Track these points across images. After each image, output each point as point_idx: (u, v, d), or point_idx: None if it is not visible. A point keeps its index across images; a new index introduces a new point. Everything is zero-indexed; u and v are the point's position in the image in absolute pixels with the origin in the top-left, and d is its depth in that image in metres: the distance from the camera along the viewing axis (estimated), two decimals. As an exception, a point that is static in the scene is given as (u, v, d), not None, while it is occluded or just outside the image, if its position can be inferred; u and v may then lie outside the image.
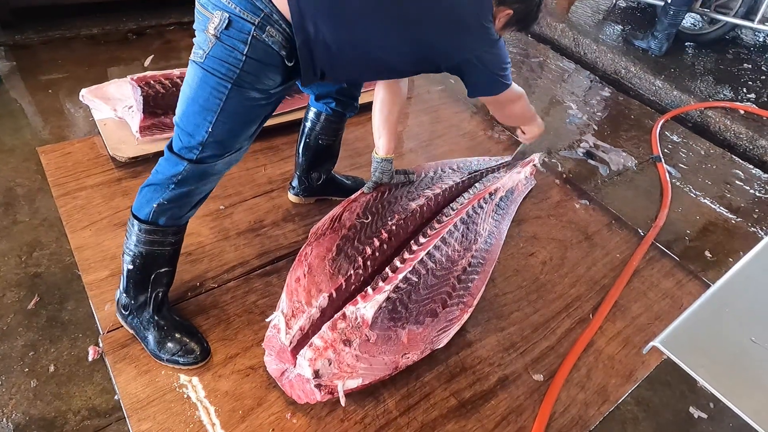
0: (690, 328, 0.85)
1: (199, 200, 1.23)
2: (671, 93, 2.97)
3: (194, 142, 1.10)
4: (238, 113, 1.10)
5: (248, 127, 1.15)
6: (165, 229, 1.21)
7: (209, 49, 1.02)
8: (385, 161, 1.54)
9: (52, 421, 1.18)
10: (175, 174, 1.13)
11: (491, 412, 1.28)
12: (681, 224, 2.02)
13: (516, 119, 1.60)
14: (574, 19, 3.65)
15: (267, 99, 1.12)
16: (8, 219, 1.64)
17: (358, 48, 1.10)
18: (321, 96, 1.56)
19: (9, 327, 1.35)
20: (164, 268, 1.27)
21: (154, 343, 1.27)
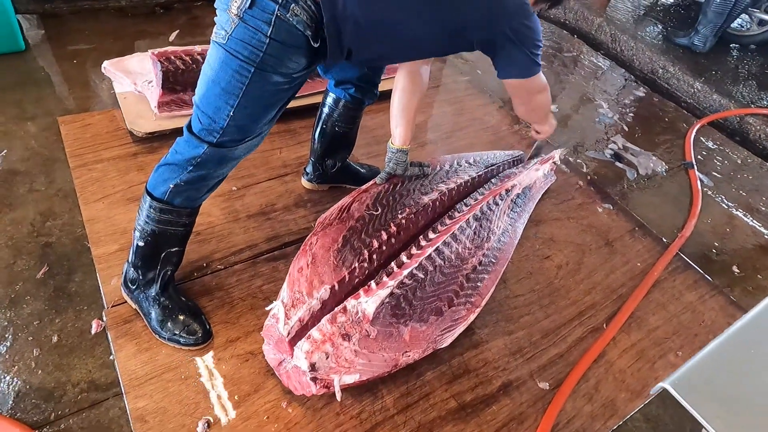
0: (707, 369, 0.77)
1: (215, 183, 1.22)
2: (710, 96, 2.82)
3: (215, 126, 1.08)
4: (260, 97, 1.07)
5: (269, 111, 1.12)
6: (180, 210, 1.20)
7: (232, 30, 0.99)
8: (401, 152, 1.49)
9: (51, 391, 1.18)
10: (194, 156, 1.11)
11: (491, 418, 1.24)
12: (709, 236, 1.92)
13: (539, 113, 1.50)
14: (613, 14, 3.50)
15: (290, 83, 1.09)
16: (25, 187, 1.65)
17: (387, 22, 1.06)
18: (340, 82, 1.52)
19: (17, 294, 1.36)
20: (175, 248, 1.26)
21: (157, 320, 1.27)
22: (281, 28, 0.98)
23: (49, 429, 1.12)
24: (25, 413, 1.14)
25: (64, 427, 1.13)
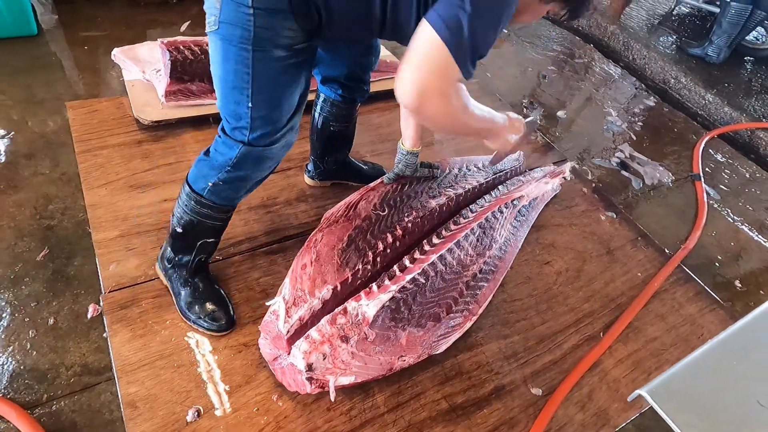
0: (686, 379, 0.76)
1: (254, 184, 1.21)
2: (721, 109, 2.79)
3: (241, 123, 1.08)
4: (271, 80, 1.05)
5: (287, 94, 1.08)
6: (218, 206, 1.20)
7: (219, 13, 0.97)
8: (411, 154, 1.48)
9: (44, 373, 1.19)
10: (231, 157, 1.11)
11: (482, 421, 1.24)
12: (713, 249, 1.90)
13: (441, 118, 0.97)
14: (627, 22, 3.47)
15: (296, 57, 1.05)
16: (29, 170, 1.66)
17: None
18: (327, 79, 1.49)
19: (16, 275, 1.37)
20: (211, 239, 1.28)
21: (185, 301, 1.29)
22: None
23: (41, 410, 1.13)
24: (18, 393, 1.15)
25: (55, 409, 1.13)
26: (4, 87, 1.98)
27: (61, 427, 1.11)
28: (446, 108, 0.94)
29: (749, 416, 0.76)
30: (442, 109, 0.93)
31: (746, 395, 0.79)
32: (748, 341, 0.90)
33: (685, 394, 0.75)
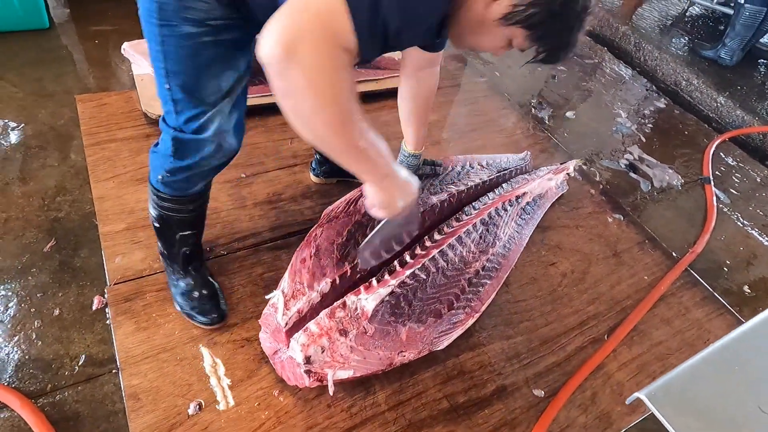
0: (686, 383, 0.74)
1: (207, 172, 1.11)
2: (734, 112, 2.76)
3: (167, 106, 1.00)
4: (184, 57, 0.94)
5: (208, 74, 0.96)
6: (176, 198, 1.16)
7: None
8: (413, 157, 1.48)
9: (49, 363, 1.20)
10: (168, 146, 1.05)
11: (483, 421, 1.23)
12: (721, 253, 1.88)
13: (311, 90, 0.73)
14: (639, 22, 3.43)
15: (214, 35, 0.93)
16: (38, 162, 1.68)
17: None
18: None
19: (23, 266, 1.38)
20: (188, 231, 1.26)
21: (178, 293, 1.30)
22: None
23: (44, 399, 1.14)
24: (22, 383, 1.16)
25: (59, 399, 1.14)
26: (16, 79, 2.00)
27: (64, 417, 1.12)
28: (318, 76, 0.70)
29: (750, 422, 0.74)
30: (313, 74, 0.70)
31: (747, 401, 0.77)
32: (751, 346, 0.88)
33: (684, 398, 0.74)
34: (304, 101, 0.74)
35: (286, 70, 0.70)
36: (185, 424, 1.11)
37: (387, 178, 0.94)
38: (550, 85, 2.71)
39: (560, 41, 0.89)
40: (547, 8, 0.82)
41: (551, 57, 0.91)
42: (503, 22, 0.84)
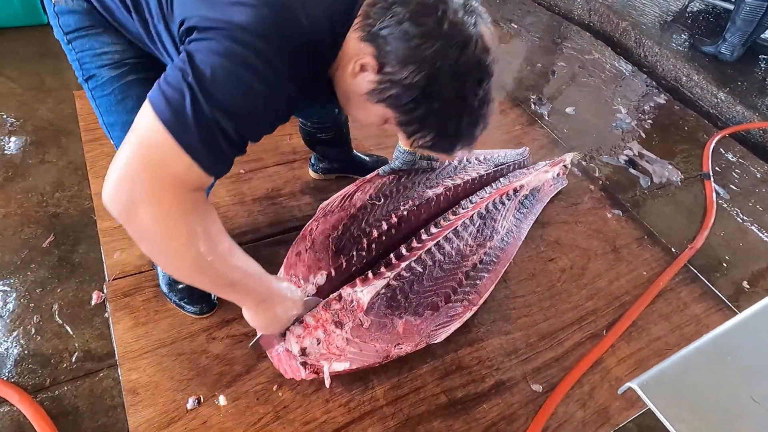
0: (679, 373, 0.74)
1: None
2: (734, 108, 2.75)
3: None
4: (115, 104, 0.95)
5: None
6: None
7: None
8: (408, 153, 1.48)
9: (48, 358, 1.21)
10: None
11: (481, 416, 1.23)
12: (721, 249, 1.88)
13: (162, 238, 0.72)
14: (639, 18, 3.42)
15: (135, 73, 0.92)
16: (37, 158, 1.68)
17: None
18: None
19: (22, 261, 1.39)
20: None
21: (165, 284, 1.30)
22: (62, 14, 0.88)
23: (43, 394, 1.14)
24: (21, 377, 1.16)
25: (58, 393, 1.15)
26: (14, 75, 2.00)
27: (64, 412, 1.12)
28: (168, 226, 0.67)
29: (742, 412, 0.74)
30: (158, 226, 0.67)
31: (740, 391, 0.77)
32: (744, 337, 0.88)
33: (677, 388, 0.74)
34: (157, 251, 0.72)
35: (130, 224, 0.68)
36: (184, 419, 1.12)
37: (263, 303, 0.91)
38: (550, 81, 2.70)
39: (445, 130, 0.81)
40: (420, 90, 0.75)
41: (437, 146, 0.85)
42: (369, 98, 0.79)
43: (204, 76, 0.65)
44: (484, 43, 0.77)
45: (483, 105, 0.80)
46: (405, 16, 0.73)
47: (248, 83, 0.68)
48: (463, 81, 0.76)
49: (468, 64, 0.76)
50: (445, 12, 0.74)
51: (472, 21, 0.77)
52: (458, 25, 0.75)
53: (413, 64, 0.73)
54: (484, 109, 0.81)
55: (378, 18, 0.75)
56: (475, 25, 0.77)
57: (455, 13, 0.75)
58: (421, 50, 0.73)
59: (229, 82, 0.67)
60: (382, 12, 0.75)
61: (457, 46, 0.74)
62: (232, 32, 0.67)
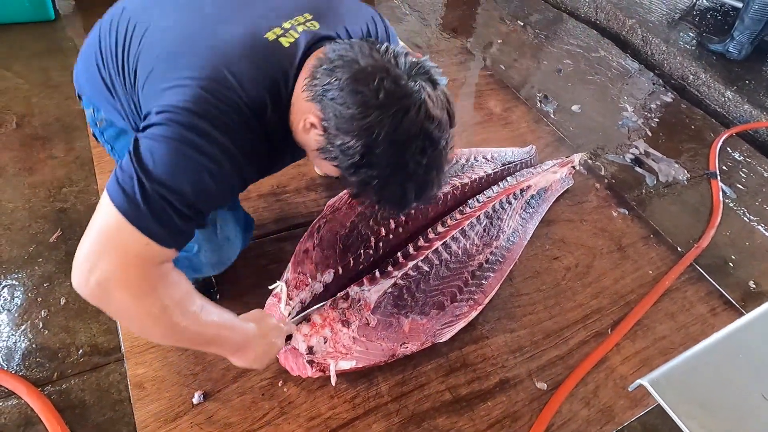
0: (690, 370, 0.74)
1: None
2: (741, 106, 2.73)
3: None
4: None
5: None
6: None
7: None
8: None
9: (56, 351, 1.22)
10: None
11: (486, 413, 1.24)
12: (727, 248, 1.87)
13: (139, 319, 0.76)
14: (646, 16, 3.40)
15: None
16: (45, 153, 1.69)
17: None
18: None
19: (30, 256, 1.40)
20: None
21: None
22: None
23: (51, 387, 1.15)
24: (29, 371, 1.17)
25: (65, 387, 1.16)
26: (22, 71, 2.01)
27: (71, 405, 1.13)
28: (140, 302, 0.71)
29: (753, 410, 0.74)
30: (131, 303, 0.71)
31: (751, 389, 0.77)
32: (755, 335, 0.88)
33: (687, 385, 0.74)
34: (133, 325, 0.79)
35: (104, 305, 0.73)
36: (190, 413, 1.12)
37: (243, 347, 0.94)
38: (556, 79, 2.69)
39: (389, 196, 0.82)
40: (359, 157, 0.76)
41: (385, 207, 0.88)
42: (319, 154, 0.82)
43: (146, 158, 0.71)
44: (427, 110, 0.76)
45: (430, 171, 0.80)
46: (344, 83, 0.75)
47: (189, 159, 0.73)
48: (403, 150, 0.76)
49: (408, 133, 0.75)
50: (383, 80, 0.74)
51: (415, 87, 0.76)
52: (396, 95, 0.74)
53: (350, 134, 0.75)
54: (432, 174, 0.81)
55: (322, 81, 0.77)
56: (419, 92, 0.76)
57: (395, 81, 0.75)
58: (357, 120, 0.74)
59: (170, 161, 0.71)
60: (325, 74, 0.77)
61: (394, 116, 0.74)
62: (169, 114, 0.73)
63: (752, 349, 0.84)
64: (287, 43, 0.84)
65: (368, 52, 0.77)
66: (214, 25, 0.86)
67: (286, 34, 0.85)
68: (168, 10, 0.92)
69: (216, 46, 0.81)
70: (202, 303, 0.83)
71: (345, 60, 0.76)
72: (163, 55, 0.84)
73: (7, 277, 1.35)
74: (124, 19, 0.94)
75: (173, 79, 0.78)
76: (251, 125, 0.80)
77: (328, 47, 0.81)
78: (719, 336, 0.84)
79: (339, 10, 0.96)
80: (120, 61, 0.92)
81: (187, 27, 0.87)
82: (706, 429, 0.69)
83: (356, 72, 0.75)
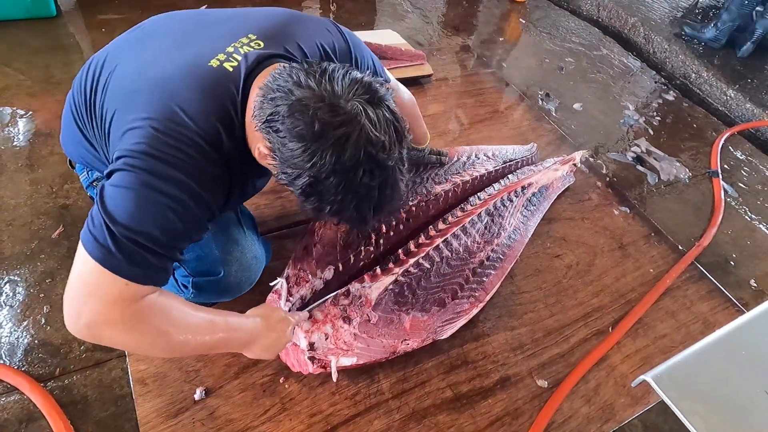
0: (692, 366, 0.74)
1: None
2: (743, 105, 2.73)
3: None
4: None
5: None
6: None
7: None
8: (415, 150, 1.48)
9: (58, 347, 1.22)
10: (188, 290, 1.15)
11: (486, 411, 1.24)
12: (728, 247, 1.87)
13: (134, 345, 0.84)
14: (649, 14, 3.40)
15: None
16: (46, 149, 1.69)
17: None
18: None
19: (32, 252, 1.40)
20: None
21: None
22: None
23: (53, 383, 1.16)
24: (32, 366, 1.18)
25: (67, 383, 1.16)
26: (24, 67, 2.01)
27: (73, 401, 1.13)
28: (125, 335, 0.76)
29: (756, 405, 0.74)
30: (119, 337, 0.77)
31: (754, 385, 0.77)
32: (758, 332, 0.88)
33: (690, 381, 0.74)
34: (133, 350, 0.92)
35: (100, 342, 0.79)
36: (192, 410, 1.13)
37: (250, 343, 0.98)
38: (558, 77, 2.69)
39: (346, 217, 0.82)
40: (306, 186, 0.77)
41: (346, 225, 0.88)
42: (279, 181, 0.82)
43: (111, 206, 0.74)
44: (367, 134, 0.74)
45: (383, 190, 0.79)
46: (285, 115, 0.75)
47: (151, 202, 0.75)
48: (351, 177, 0.75)
49: (351, 160, 0.74)
50: (317, 111, 0.73)
51: (353, 112, 0.74)
52: (332, 125, 0.73)
53: (295, 167, 0.76)
54: (385, 192, 0.80)
55: (265, 112, 0.77)
56: (357, 116, 0.74)
57: (331, 110, 0.74)
58: (298, 155, 0.74)
59: (133, 207, 0.74)
60: (268, 105, 0.77)
61: (334, 147, 0.73)
62: (127, 159, 0.76)
63: (755, 346, 0.85)
64: (230, 67, 0.85)
65: (303, 81, 0.76)
66: (162, 59, 0.87)
67: (229, 58, 0.86)
68: (130, 51, 0.94)
69: (164, 81, 0.83)
70: (199, 315, 0.86)
71: (283, 91, 0.76)
72: (120, 95, 0.87)
73: (10, 273, 1.35)
74: (91, 69, 0.96)
75: (129, 121, 0.80)
76: (210, 157, 0.81)
77: (270, 76, 0.81)
78: (722, 333, 0.84)
79: (288, 28, 0.96)
80: (90, 108, 0.94)
81: (141, 64, 0.89)
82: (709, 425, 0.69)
83: (292, 105, 0.74)
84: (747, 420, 0.74)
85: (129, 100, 0.84)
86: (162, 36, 0.95)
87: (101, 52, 1.01)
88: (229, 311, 0.97)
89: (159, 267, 0.78)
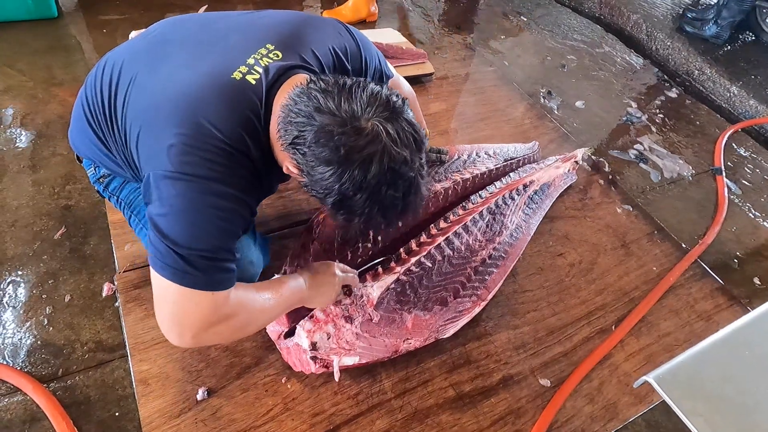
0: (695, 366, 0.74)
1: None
2: (747, 102, 2.71)
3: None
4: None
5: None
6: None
7: None
8: None
9: (60, 348, 1.22)
10: None
11: (489, 410, 1.24)
12: (732, 245, 1.86)
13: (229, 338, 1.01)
14: (651, 11, 3.38)
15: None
16: (48, 150, 1.69)
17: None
18: None
19: (35, 253, 1.40)
20: None
21: None
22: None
23: (56, 384, 1.16)
24: (34, 367, 1.18)
25: (70, 383, 1.16)
26: (25, 68, 2.01)
27: (76, 401, 1.13)
28: (225, 332, 0.89)
29: (758, 406, 0.74)
30: (220, 336, 0.90)
31: (756, 385, 0.76)
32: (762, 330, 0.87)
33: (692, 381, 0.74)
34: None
35: (205, 344, 0.97)
36: (194, 410, 1.13)
37: (302, 301, 1.09)
38: (560, 75, 2.68)
39: (373, 224, 0.87)
40: (336, 203, 0.83)
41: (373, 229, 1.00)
42: (307, 192, 0.87)
43: (170, 233, 0.81)
44: (389, 153, 0.79)
45: (407, 197, 0.85)
46: (311, 142, 0.79)
47: (203, 219, 0.82)
48: (377, 192, 0.81)
49: (376, 179, 0.79)
50: (341, 137, 0.77)
51: (375, 132, 0.78)
52: (356, 148, 0.78)
53: (324, 187, 0.81)
54: (410, 198, 0.85)
55: (291, 133, 0.82)
56: (379, 135, 0.78)
57: (354, 133, 0.78)
58: (326, 178, 0.80)
59: (189, 228, 0.81)
60: (293, 128, 0.82)
61: (360, 168, 0.78)
62: (166, 181, 0.81)
63: (759, 345, 0.84)
64: (253, 80, 0.89)
65: (323, 104, 0.79)
66: (183, 73, 0.90)
67: (251, 70, 0.90)
68: (147, 60, 0.96)
69: (188, 96, 0.86)
70: (266, 294, 0.97)
71: (304, 115, 0.80)
72: (144, 112, 0.90)
73: (12, 274, 1.35)
74: (107, 73, 0.99)
75: (159, 140, 0.84)
76: (241, 162, 0.86)
77: (289, 98, 0.84)
78: (725, 332, 0.83)
79: (302, 34, 1.00)
80: (109, 116, 0.98)
81: (162, 78, 0.91)
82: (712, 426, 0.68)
83: (317, 132, 0.79)
84: (751, 420, 0.73)
85: (155, 118, 0.87)
86: (177, 46, 0.97)
87: (116, 53, 1.02)
88: (283, 277, 1.07)
89: (229, 269, 0.86)
